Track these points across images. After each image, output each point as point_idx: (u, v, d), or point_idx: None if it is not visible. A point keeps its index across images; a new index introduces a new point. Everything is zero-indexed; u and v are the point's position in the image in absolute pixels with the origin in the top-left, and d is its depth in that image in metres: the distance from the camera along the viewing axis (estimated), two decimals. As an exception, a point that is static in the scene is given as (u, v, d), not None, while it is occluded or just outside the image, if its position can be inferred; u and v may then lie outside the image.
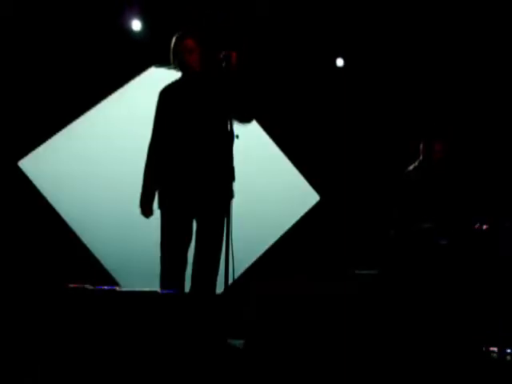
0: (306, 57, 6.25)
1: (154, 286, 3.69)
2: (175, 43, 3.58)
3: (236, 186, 3.39)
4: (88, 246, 5.54)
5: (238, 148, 3.43)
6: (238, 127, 3.46)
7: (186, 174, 3.47)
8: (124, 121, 5.52)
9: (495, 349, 4.25)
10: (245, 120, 3.48)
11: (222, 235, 3.35)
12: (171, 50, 3.61)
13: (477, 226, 4.54)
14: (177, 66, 3.62)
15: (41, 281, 5.04)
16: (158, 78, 3.93)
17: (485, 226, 4.50)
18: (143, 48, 5.61)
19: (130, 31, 5.72)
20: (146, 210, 3.56)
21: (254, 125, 6.16)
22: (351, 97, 6.39)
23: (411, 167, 4.93)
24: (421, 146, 4.92)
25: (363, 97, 6.42)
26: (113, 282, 5.43)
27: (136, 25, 5.72)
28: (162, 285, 3.53)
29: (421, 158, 4.91)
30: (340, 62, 6.36)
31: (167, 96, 3.60)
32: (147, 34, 5.72)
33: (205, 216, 3.50)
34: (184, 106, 3.53)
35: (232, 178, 3.24)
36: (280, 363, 3.60)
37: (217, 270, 3.50)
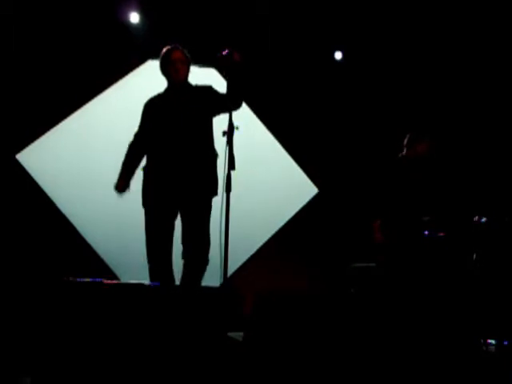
0: (304, 50, 6.24)
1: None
2: (168, 54, 3.79)
3: (235, 178, 3.42)
4: (86, 238, 5.54)
5: (237, 141, 3.46)
6: (237, 119, 3.50)
7: (168, 172, 3.66)
8: (121, 114, 5.50)
9: (493, 341, 4.27)
10: (235, 108, 3.61)
11: (207, 228, 3.66)
12: (162, 60, 3.81)
13: (475, 219, 4.53)
14: (167, 76, 3.81)
15: (38, 273, 5.05)
16: (155, 71, 3.95)
17: (484, 219, 4.50)
18: (141, 41, 5.60)
19: (127, 24, 5.71)
20: (119, 186, 3.79)
21: (253, 117, 6.18)
22: (350, 90, 6.39)
23: (399, 155, 4.72)
24: (405, 140, 4.68)
25: (362, 89, 6.41)
26: (112, 275, 5.44)
27: (134, 17, 5.71)
28: (152, 278, 3.62)
29: (404, 151, 4.69)
30: (338, 56, 6.35)
31: (152, 106, 3.83)
32: (145, 27, 5.71)
33: (187, 211, 3.69)
34: (168, 113, 3.74)
35: (233, 167, 3.38)
36: (279, 355, 3.62)
37: (205, 261, 3.68)
